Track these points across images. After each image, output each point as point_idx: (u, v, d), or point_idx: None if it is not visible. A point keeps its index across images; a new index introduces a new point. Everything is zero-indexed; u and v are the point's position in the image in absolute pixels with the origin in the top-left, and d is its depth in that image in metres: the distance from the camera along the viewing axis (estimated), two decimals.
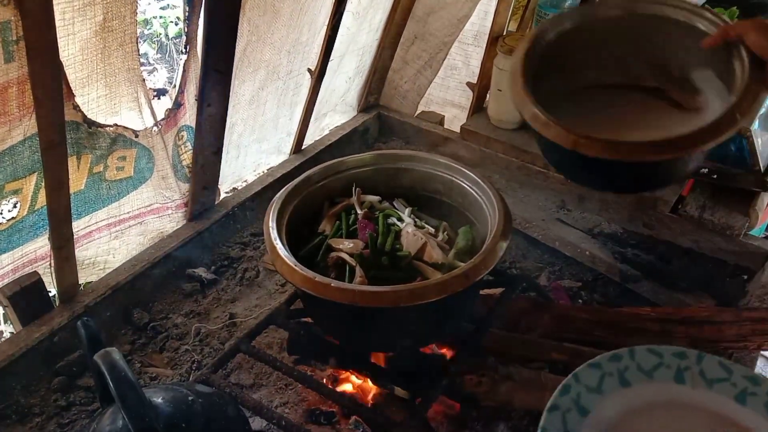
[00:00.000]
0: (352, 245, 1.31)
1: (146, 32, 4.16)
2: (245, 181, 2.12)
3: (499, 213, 1.26)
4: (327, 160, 1.49)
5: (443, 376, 1.25)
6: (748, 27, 1.12)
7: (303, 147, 2.23)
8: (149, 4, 4.34)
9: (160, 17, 4.15)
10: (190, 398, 0.91)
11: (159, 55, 4.12)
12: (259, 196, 2.02)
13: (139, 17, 4.21)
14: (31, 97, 1.18)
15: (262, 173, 2.14)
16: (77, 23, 1.20)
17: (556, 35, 1.30)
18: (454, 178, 1.41)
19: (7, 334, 2.01)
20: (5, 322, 1.99)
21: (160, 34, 4.13)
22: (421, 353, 1.34)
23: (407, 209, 1.42)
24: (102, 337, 1.01)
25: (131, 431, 0.82)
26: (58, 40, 1.17)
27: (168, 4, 4.24)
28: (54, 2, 1.11)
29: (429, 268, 1.29)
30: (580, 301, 1.76)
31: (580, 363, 1.42)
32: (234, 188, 2.08)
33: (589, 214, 2.04)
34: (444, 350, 1.40)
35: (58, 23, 1.15)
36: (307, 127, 2.16)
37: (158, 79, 3.94)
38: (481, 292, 1.48)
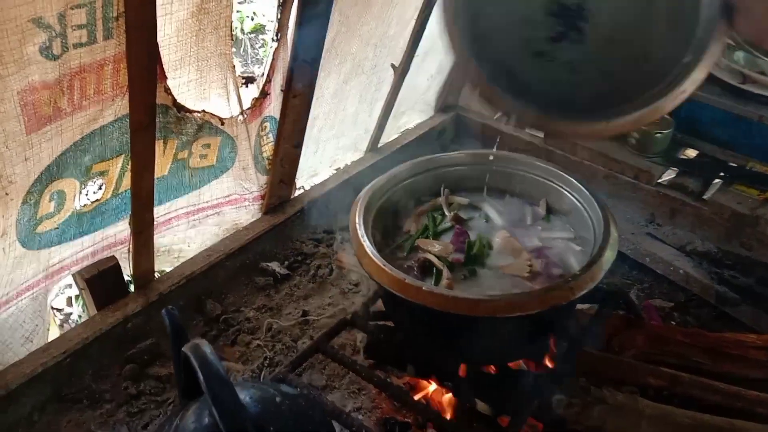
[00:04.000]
0: (441, 248, 1.24)
1: None
2: (320, 176, 2.08)
3: (604, 222, 1.16)
4: (402, 160, 1.42)
5: (534, 395, 1.17)
6: None
7: (379, 145, 2.18)
8: None
9: (237, 11, 4.17)
10: (277, 399, 0.85)
11: (234, 50, 4.13)
12: (333, 193, 1.97)
13: None
14: (125, 77, 1.16)
15: (337, 170, 2.10)
16: (176, 2, 1.18)
17: None
18: (552, 183, 1.32)
19: (74, 315, 2.03)
20: (77, 303, 2.00)
21: (236, 28, 4.15)
22: (509, 369, 1.26)
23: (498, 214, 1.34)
24: (185, 328, 0.97)
25: (220, 430, 0.77)
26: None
27: None
28: None
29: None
30: (672, 322, 1.64)
31: (679, 390, 1.32)
32: (309, 183, 2.04)
33: (681, 230, 1.92)
34: (533, 367, 1.31)
35: (157, 1, 1.12)
36: (386, 124, 2.10)
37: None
38: None
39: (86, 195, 1.36)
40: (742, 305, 1.65)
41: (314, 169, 2.01)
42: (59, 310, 2.08)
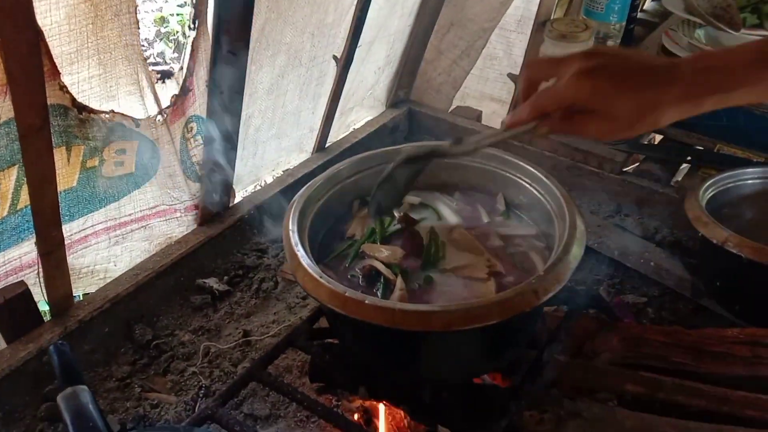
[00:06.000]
0: (389, 253, 1.09)
1: (163, 30, 3.99)
2: (263, 182, 1.91)
3: (569, 215, 1.03)
4: None
5: (502, 413, 1.02)
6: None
7: (327, 145, 2.02)
8: (166, 1, 4.18)
9: (177, 14, 3.99)
10: None
11: (176, 54, 3.94)
12: (278, 199, 1.81)
13: (155, 15, 4.05)
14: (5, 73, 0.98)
15: (281, 173, 1.94)
16: None
17: None
18: (510, 175, 1.19)
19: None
20: None
21: (177, 32, 3.96)
22: (473, 384, 1.12)
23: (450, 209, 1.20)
24: (79, 368, 0.80)
25: None
26: (39, 3, 0.97)
27: (185, 2, 4.07)
28: None
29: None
30: (645, 321, 1.52)
31: (661, 396, 1.20)
32: (251, 190, 1.88)
33: (650, 219, 1.81)
34: (499, 381, 1.17)
35: None
36: (332, 122, 1.95)
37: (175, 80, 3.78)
38: None
39: None
40: None
41: (255, 174, 1.85)
42: None
